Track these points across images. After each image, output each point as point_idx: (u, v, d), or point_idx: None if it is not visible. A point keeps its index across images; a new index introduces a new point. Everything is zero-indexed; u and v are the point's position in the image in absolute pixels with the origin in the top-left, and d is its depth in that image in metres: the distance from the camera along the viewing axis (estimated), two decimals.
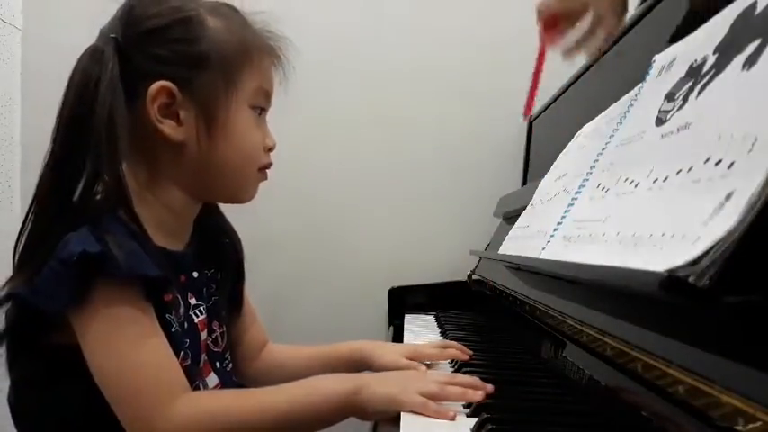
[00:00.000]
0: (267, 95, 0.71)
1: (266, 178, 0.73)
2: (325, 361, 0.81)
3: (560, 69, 0.92)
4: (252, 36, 0.68)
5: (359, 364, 0.78)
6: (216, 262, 0.76)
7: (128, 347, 0.55)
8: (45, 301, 0.55)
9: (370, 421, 0.59)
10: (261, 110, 0.70)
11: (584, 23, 0.75)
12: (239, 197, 0.72)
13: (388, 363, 0.74)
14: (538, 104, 1.25)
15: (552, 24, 0.78)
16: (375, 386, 0.58)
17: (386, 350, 0.77)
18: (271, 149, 0.72)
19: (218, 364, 0.72)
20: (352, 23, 1.42)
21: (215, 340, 0.73)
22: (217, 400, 0.60)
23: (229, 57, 0.65)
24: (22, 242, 0.61)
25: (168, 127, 0.63)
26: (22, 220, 0.61)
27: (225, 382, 0.72)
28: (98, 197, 0.60)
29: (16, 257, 0.61)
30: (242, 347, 0.83)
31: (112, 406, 0.55)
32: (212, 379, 0.70)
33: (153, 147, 0.64)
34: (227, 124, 0.65)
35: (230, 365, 0.76)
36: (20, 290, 0.57)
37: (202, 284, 0.73)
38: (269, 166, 0.72)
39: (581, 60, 0.77)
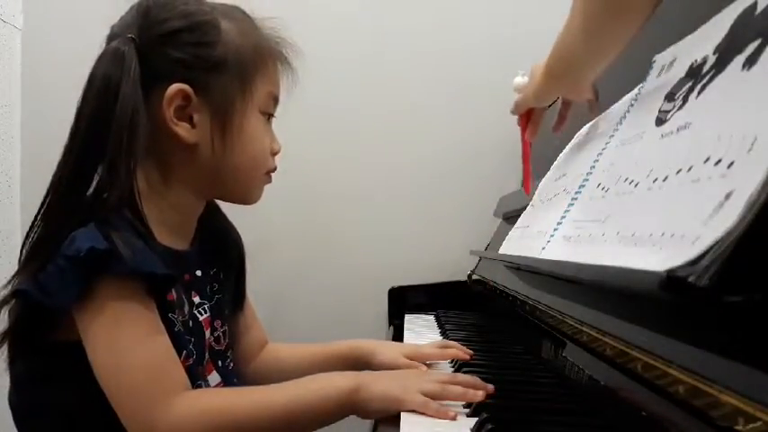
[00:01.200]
0: (276, 100, 0.72)
1: (270, 181, 0.74)
2: (324, 359, 0.81)
3: None
4: (264, 41, 0.69)
5: (359, 363, 0.78)
6: (219, 261, 0.77)
7: (129, 344, 0.55)
8: (51, 298, 0.55)
9: (370, 420, 0.59)
10: (269, 115, 0.71)
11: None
12: (247, 199, 0.73)
13: (387, 362, 0.74)
14: None
15: (528, 118, 0.83)
16: (375, 385, 0.58)
17: (386, 349, 0.78)
18: (276, 153, 0.73)
19: (219, 363, 0.73)
20: (352, 23, 1.42)
21: (217, 339, 0.73)
22: (217, 397, 0.60)
23: (245, 61, 0.66)
24: (31, 239, 0.61)
25: (182, 129, 0.64)
26: (21, 219, 0.62)
27: (227, 381, 0.72)
28: (105, 195, 0.60)
29: (23, 253, 0.62)
30: (242, 347, 0.83)
31: (112, 402, 0.55)
32: (214, 377, 0.71)
33: (165, 148, 0.65)
34: (241, 128, 0.66)
35: (232, 364, 0.76)
36: (25, 286, 0.57)
37: (206, 283, 0.73)
38: (275, 169, 0.73)
39: None
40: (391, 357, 0.75)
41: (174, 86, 0.62)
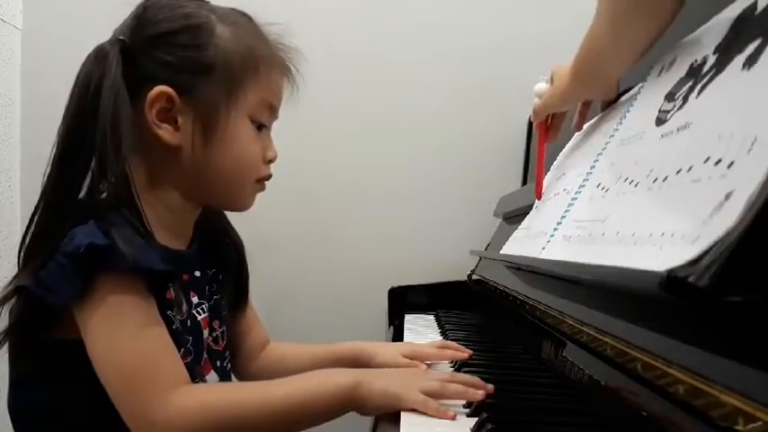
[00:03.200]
0: (271, 108, 0.71)
1: (264, 189, 0.73)
2: (325, 359, 0.82)
3: None
4: (262, 47, 0.68)
5: (358, 364, 0.78)
6: (218, 262, 0.77)
7: (129, 338, 0.56)
8: (51, 294, 0.55)
9: (369, 416, 0.59)
10: (260, 125, 0.69)
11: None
12: (234, 205, 0.73)
13: (387, 362, 0.74)
14: None
15: (546, 124, 0.82)
16: (375, 382, 0.58)
17: (386, 350, 0.78)
18: (271, 161, 0.72)
19: (218, 363, 0.73)
20: (351, 23, 1.42)
21: (215, 339, 0.73)
22: (216, 391, 0.60)
23: (234, 67, 0.65)
24: (28, 238, 0.62)
25: (165, 131, 0.63)
26: (21, 219, 0.62)
27: (224, 381, 0.73)
28: (103, 195, 0.60)
29: (22, 254, 0.62)
30: (244, 347, 0.84)
31: (112, 396, 0.55)
32: (212, 377, 0.71)
33: (152, 149, 0.65)
34: (225, 134, 0.65)
35: (230, 365, 0.76)
36: (26, 283, 0.57)
37: (204, 284, 0.73)
38: (268, 177, 0.72)
39: None
40: (391, 358, 0.75)
41: (157, 89, 0.62)
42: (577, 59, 0.67)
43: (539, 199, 0.85)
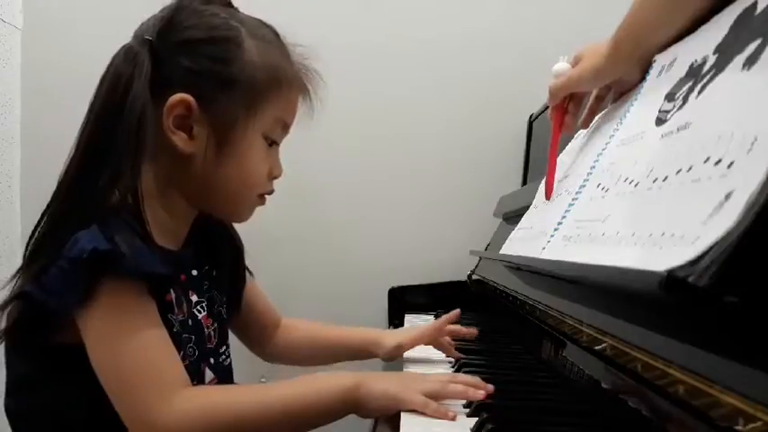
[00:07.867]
0: (285, 126, 0.71)
1: (264, 203, 0.73)
2: (336, 341, 0.88)
3: None
4: (286, 67, 0.68)
5: (366, 350, 0.84)
6: (211, 260, 0.77)
7: (130, 340, 0.56)
8: (54, 299, 0.55)
9: (369, 419, 0.59)
10: (272, 141, 0.70)
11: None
12: (232, 217, 0.75)
13: (388, 351, 0.81)
14: (538, 104, 1.25)
15: (562, 109, 0.77)
16: (376, 383, 0.58)
17: (387, 340, 0.83)
18: (276, 177, 0.72)
19: (212, 360, 0.73)
20: (351, 22, 1.42)
21: (208, 336, 0.73)
22: (216, 393, 0.60)
23: (257, 84, 0.65)
24: (35, 238, 0.62)
25: (179, 139, 0.63)
26: (21, 219, 0.62)
27: (220, 378, 0.73)
28: (110, 194, 0.60)
29: (26, 254, 0.62)
30: (256, 331, 0.88)
31: (112, 400, 0.55)
32: (207, 375, 0.71)
33: (163, 152, 0.64)
34: (237, 149, 0.66)
35: (227, 360, 0.77)
36: (29, 288, 0.57)
37: (201, 282, 0.73)
38: (270, 192, 0.73)
39: None
40: (391, 347, 0.81)
41: (177, 96, 0.62)
42: (623, 31, 0.63)
43: (548, 198, 0.79)
